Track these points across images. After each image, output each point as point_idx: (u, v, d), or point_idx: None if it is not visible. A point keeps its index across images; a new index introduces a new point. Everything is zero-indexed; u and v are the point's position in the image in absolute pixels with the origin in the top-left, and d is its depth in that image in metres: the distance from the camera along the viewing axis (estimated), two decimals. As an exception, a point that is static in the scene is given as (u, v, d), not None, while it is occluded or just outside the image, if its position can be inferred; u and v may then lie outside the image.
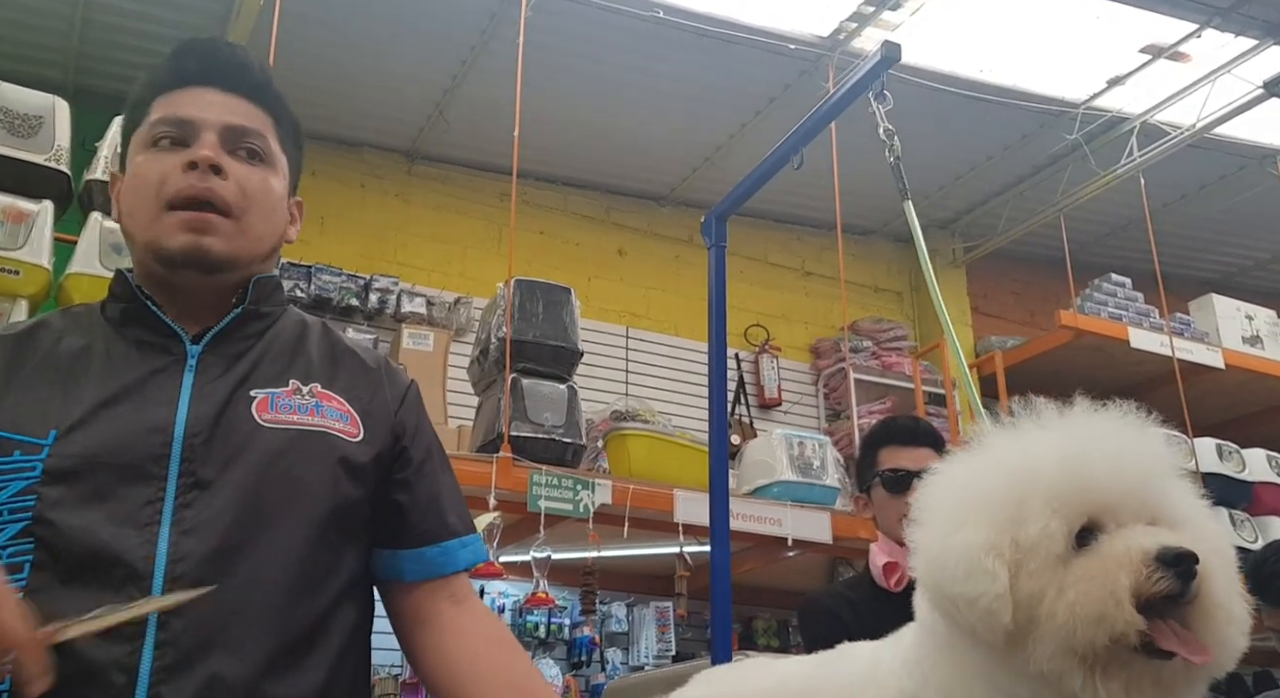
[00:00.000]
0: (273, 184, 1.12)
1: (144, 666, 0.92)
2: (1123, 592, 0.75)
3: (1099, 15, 4.38)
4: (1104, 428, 0.84)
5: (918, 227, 1.50)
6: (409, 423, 1.16)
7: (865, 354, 5.79)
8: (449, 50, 4.61)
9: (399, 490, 1.12)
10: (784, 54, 4.61)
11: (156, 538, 0.96)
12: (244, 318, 1.10)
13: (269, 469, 1.02)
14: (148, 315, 1.07)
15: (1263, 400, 5.58)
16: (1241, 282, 6.77)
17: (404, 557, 1.12)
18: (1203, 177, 5.76)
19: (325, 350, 1.15)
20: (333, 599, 1.05)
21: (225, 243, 1.06)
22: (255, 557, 0.99)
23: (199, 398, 1.04)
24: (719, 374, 2.07)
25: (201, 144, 1.07)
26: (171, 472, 0.99)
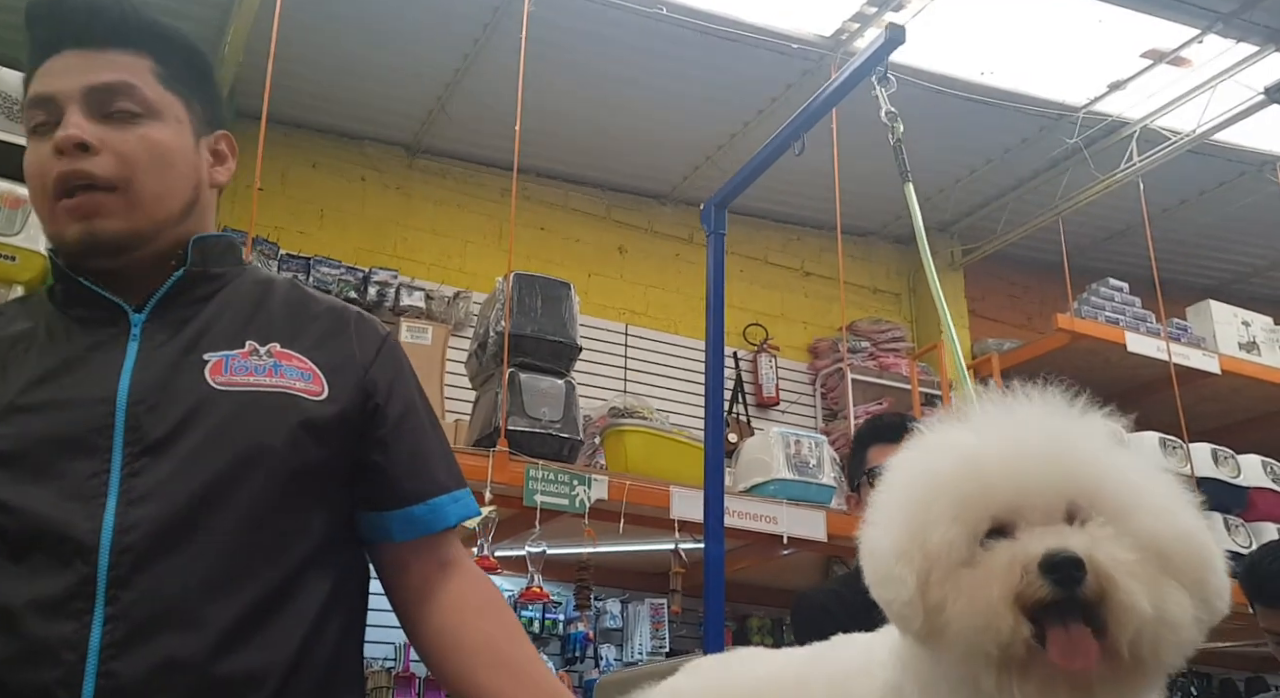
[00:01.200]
0: (159, 137, 1.03)
1: (93, 641, 0.89)
2: (1001, 600, 0.75)
3: (1101, 19, 4.39)
4: (1017, 421, 0.82)
5: (917, 210, 1.51)
6: (382, 379, 1.09)
7: (863, 355, 5.80)
8: (451, 44, 4.61)
9: (376, 450, 1.07)
10: (787, 53, 4.61)
11: (102, 510, 0.93)
12: (190, 281, 1.05)
13: (223, 434, 0.97)
14: (85, 292, 1.02)
15: (1258, 407, 5.60)
16: (1239, 288, 6.78)
17: (391, 518, 1.07)
18: (1202, 183, 5.77)
19: (289, 308, 1.09)
20: (297, 566, 1.00)
21: (118, 220, 1.00)
22: (209, 525, 0.95)
23: (143, 365, 0.99)
24: (716, 365, 2.07)
25: (65, 123, 0.99)
26: (116, 442, 0.95)
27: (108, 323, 1.02)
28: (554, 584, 4.33)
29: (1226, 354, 5.43)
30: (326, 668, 1.01)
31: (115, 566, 0.91)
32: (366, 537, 1.09)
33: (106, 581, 0.90)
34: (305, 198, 5.10)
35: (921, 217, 1.56)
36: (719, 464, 2.02)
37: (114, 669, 0.89)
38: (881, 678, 0.89)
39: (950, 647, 0.78)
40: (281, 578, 0.99)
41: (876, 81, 1.59)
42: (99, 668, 0.89)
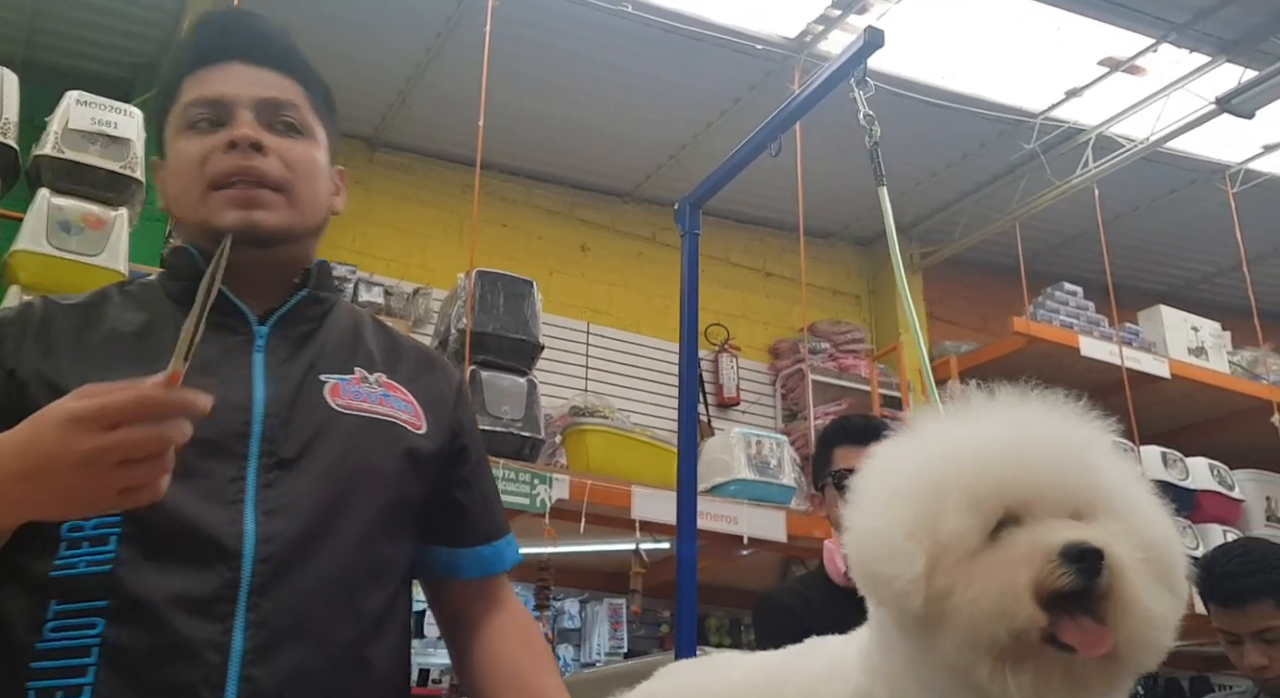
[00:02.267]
0: (314, 154, 1.11)
1: (236, 645, 0.92)
2: (1022, 587, 0.76)
3: (1059, 26, 4.46)
4: (1026, 419, 0.84)
5: (890, 213, 1.51)
6: (466, 420, 1.18)
7: (823, 356, 5.84)
8: (414, 37, 4.55)
9: (459, 488, 1.14)
10: (751, 54, 4.62)
11: (242, 517, 0.95)
12: (304, 302, 1.10)
13: (345, 455, 1.02)
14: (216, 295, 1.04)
15: (1205, 411, 5.73)
16: (1188, 294, 6.94)
17: (462, 555, 1.14)
18: (1154, 190, 5.90)
19: (382, 342, 1.15)
20: (395, 588, 1.06)
21: (277, 216, 1.05)
22: (334, 543, 0.99)
23: (273, 378, 1.03)
24: (689, 364, 2.07)
25: (238, 122, 1.05)
26: (252, 451, 0.98)
27: (231, 330, 1.05)
28: (513, 584, 4.29)
29: (1176, 359, 5.55)
30: (404, 685, 1.08)
31: (257, 573, 0.94)
32: (431, 569, 1.14)
33: (249, 587, 0.93)
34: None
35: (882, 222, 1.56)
36: (691, 462, 2.02)
37: (254, 675, 0.92)
38: (853, 681, 0.89)
39: (950, 633, 0.78)
40: (387, 598, 1.04)
41: (855, 84, 1.59)
42: (241, 672, 0.91)
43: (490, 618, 1.14)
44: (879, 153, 1.55)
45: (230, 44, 1.10)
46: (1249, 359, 5.99)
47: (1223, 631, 1.90)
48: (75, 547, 0.93)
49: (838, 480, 1.96)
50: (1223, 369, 5.77)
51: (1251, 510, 5.36)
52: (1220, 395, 5.66)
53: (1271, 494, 5.47)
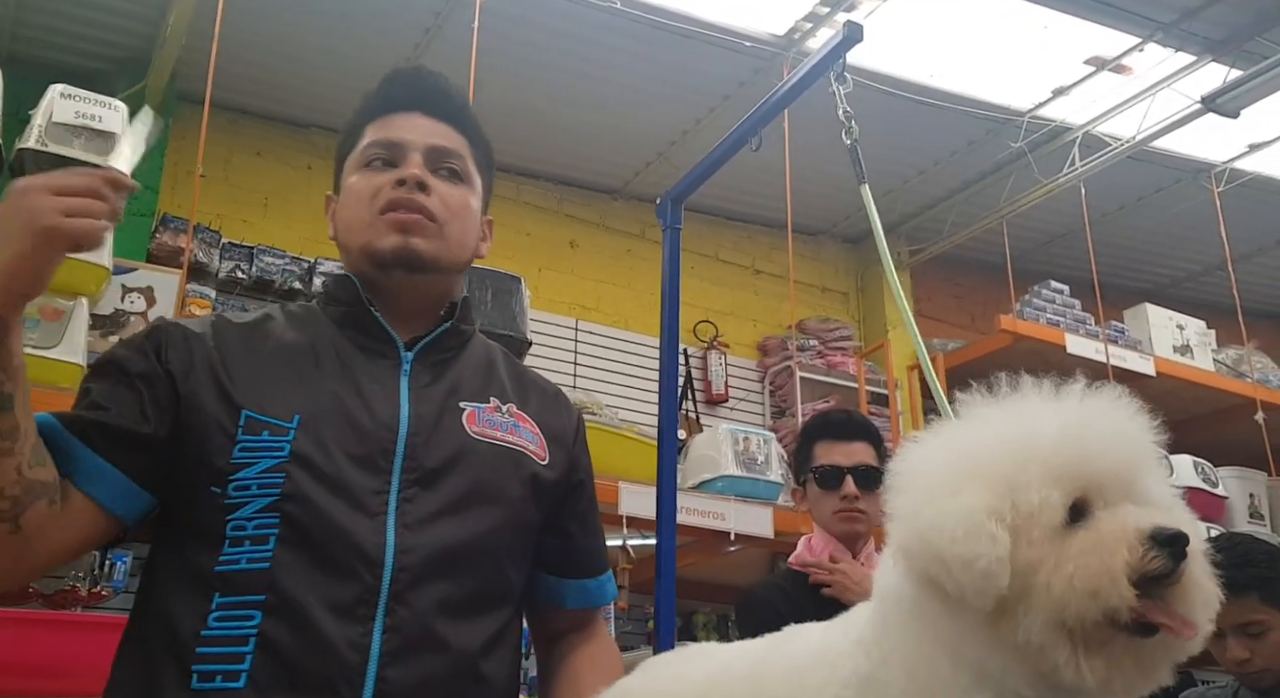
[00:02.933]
0: (470, 201, 1.23)
1: (374, 647, 0.99)
2: (1120, 568, 0.76)
3: (1046, 25, 4.47)
4: (1100, 407, 0.85)
5: (874, 210, 1.52)
6: (583, 457, 1.26)
7: (811, 353, 5.85)
8: (402, 32, 4.54)
9: (573, 521, 1.21)
10: (739, 51, 4.62)
11: (385, 528, 1.03)
12: (448, 333, 1.19)
13: (479, 479, 1.10)
14: (369, 321, 1.16)
15: (1190, 408, 5.77)
16: (1174, 292, 6.98)
17: (569, 585, 1.22)
18: (1140, 189, 5.93)
19: (513, 374, 1.25)
20: (515, 609, 1.13)
21: (430, 244, 1.16)
22: (465, 560, 1.06)
23: (417, 401, 1.11)
24: (670, 359, 2.07)
25: (409, 163, 1.19)
26: (396, 467, 1.06)
27: (381, 354, 1.15)
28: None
29: (1161, 357, 5.59)
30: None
31: (395, 581, 1.01)
32: (537, 594, 1.22)
33: (388, 594, 1.01)
34: (249, 186, 4.98)
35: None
36: (672, 458, 2.02)
37: (388, 676, 0.99)
38: (847, 668, 0.87)
39: (1035, 612, 0.77)
40: (506, 615, 1.12)
41: (834, 79, 1.60)
42: (377, 673, 0.98)
43: (581, 648, 1.22)
44: (859, 150, 1.56)
45: (413, 97, 1.24)
46: (1233, 357, 6.04)
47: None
48: (238, 544, 1.01)
49: (819, 476, 1.97)
50: (1207, 367, 5.81)
51: (1235, 508, 5.40)
52: (1205, 393, 5.70)
53: (1254, 491, 5.51)
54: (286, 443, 1.04)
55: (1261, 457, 5.30)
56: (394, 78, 1.26)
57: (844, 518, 1.94)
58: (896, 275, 1.47)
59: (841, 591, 1.89)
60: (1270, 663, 1.86)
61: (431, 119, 1.23)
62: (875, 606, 0.91)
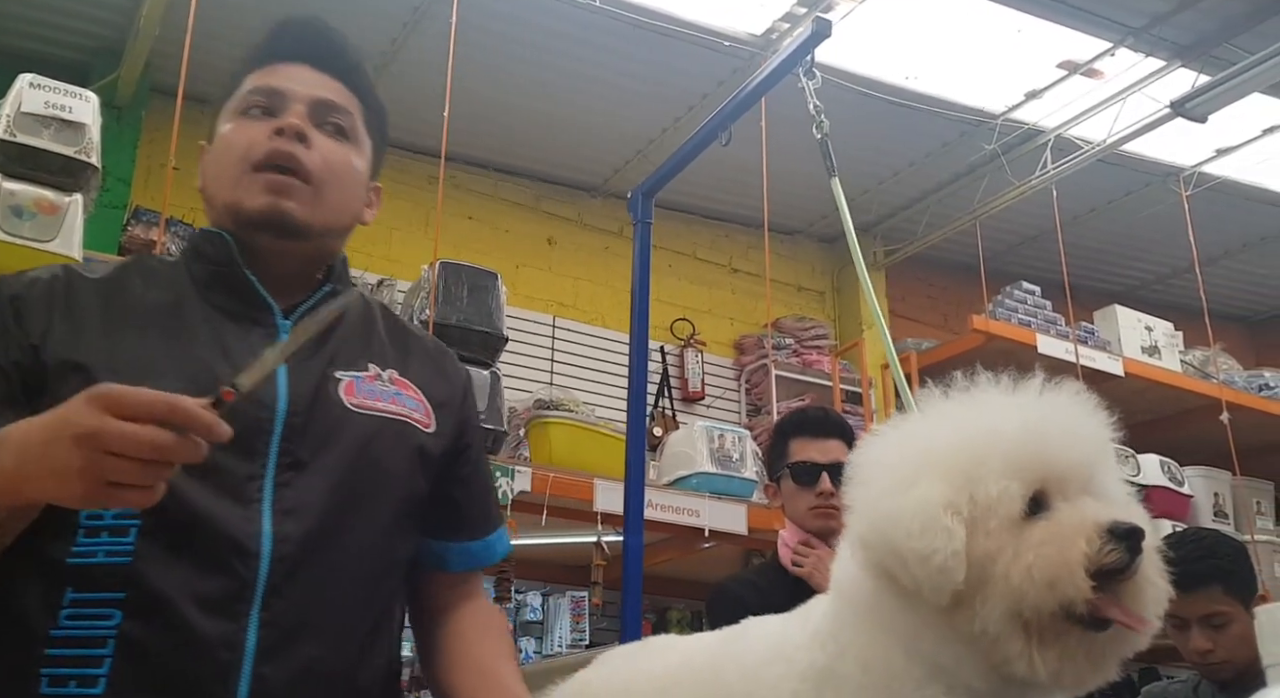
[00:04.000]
0: (355, 162, 1.13)
1: (249, 643, 0.92)
2: (1078, 559, 0.77)
3: (1020, 29, 4.52)
4: (1060, 402, 0.86)
5: (844, 203, 1.54)
6: (471, 418, 1.18)
7: (787, 352, 5.88)
8: (379, 26, 4.51)
9: (457, 487, 1.15)
10: (718, 50, 4.64)
11: (260, 516, 0.96)
12: (326, 297, 1.10)
13: (358, 456, 1.02)
14: (241, 284, 1.06)
15: (1157, 408, 5.85)
16: (1143, 294, 7.08)
17: (452, 549, 1.15)
18: (1111, 192, 6.01)
19: (393, 335, 1.16)
20: (398, 586, 1.08)
21: (303, 208, 1.06)
22: (346, 542, 1.00)
23: (295, 376, 1.02)
24: (640, 354, 2.08)
25: (290, 113, 1.08)
26: (272, 450, 0.98)
27: (255, 322, 1.05)
28: (475, 577, 4.29)
29: (1130, 357, 5.67)
30: (398, 672, 1.11)
31: (273, 573, 0.94)
32: (419, 561, 1.15)
33: (264, 587, 0.94)
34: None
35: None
36: (640, 454, 2.04)
37: (265, 673, 0.93)
38: (804, 661, 0.87)
39: (992, 603, 0.77)
40: (389, 596, 1.06)
41: (802, 74, 1.62)
42: (253, 670, 0.92)
43: (463, 611, 1.16)
44: (829, 144, 1.58)
45: (303, 48, 1.14)
46: (1200, 359, 6.14)
47: (1170, 616, 1.95)
48: (94, 535, 0.93)
49: (795, 472, 1.98)
50: (1175, 368, 5.90)
51: (1200, 506, 5.50)
52: (1172, 394, 5.78)
53: (1219, 491, 5.61)
54: None
55: (1226, 456, 5.38)
56: (283, 26, 1.17)
57: (819, 514, 1.96)
58: (871, 276, 1.48)
59: (810, 575, 1.90)
60: (1231, 655, 1.90)
61: (321, 73, 1.14)
62: (832, 598, 0.91)
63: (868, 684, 0.82)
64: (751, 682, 0.89)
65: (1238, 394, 5.85)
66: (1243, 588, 1.91)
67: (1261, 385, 6.18)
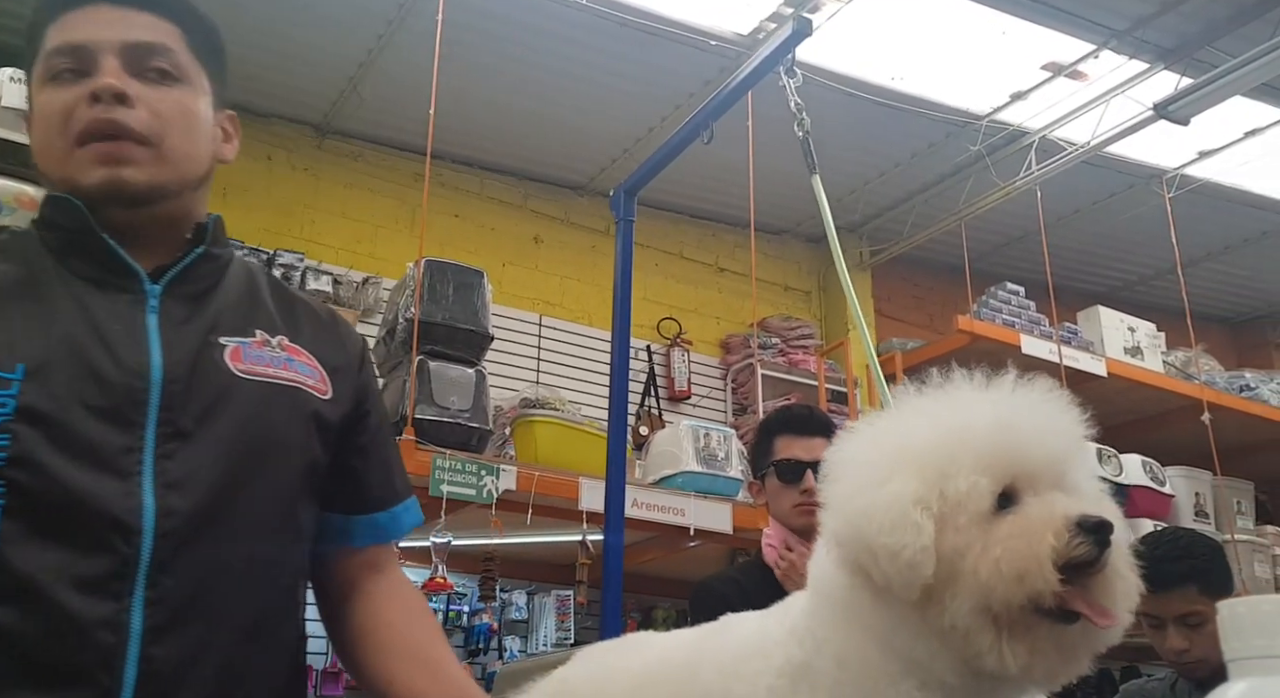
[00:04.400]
0: (190, 103, 1.03)
1: (134, 625, 0.87)
2: (1045, 552, 0.77)
3: (1005, 30, 4.55)
4: (1032, 399, 0.86)
5: (825, 200, 1.54)
6: (369, 385, 1.13)
7: (773, 351, 5.90)
8: (366, 23, 4.50)
9: (357, 456, 1.10)
10: (705, 50, 4.65)
11: (140, 490, 0.90)
12: (199, 259, 1.03)
13: (249, 424, 0.97)
14: (101, 250, 0.98)
15: (1140, 408, 5.90)
16: (1126, 295, 7.13)
17: (356, 522, 1.10)
18: (1095, 193, 6.05)
19: (281, 302, 1.09)
20: (301, 562, 1.03)
21: (145, 172, 0.98)
22: (240, 513, 0.95)
23: (171, 343, 0.96)
24: (621, 351, 2.08)
25: (102, 71, 0.98)
26: (150, 420, 0.92)
27: (121, 289, 0.98)
28: (458, 575, 4.28)
29: (1113, 358, 5.71)
30: (303, 653, 1.06)
31: (158, 549, 0.89)
32: (322, 536, 1.09)
33: (149, 564, 0.89)
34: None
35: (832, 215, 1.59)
36: (621, 452, 2.04)
37: (153, 654, 0.88)
38: (780, 657, 0.88)
39: (962, 597, 0.77)
40: (292, 572, 1.01)
41: (784, 72, 1.62)
42: (140, 652, 0.87)
43: (377, 588, 1.11)
44: (810, 142, 1.58)
45: None
46: (1182, 360, 6.19)
47: (1146, 615, 1.97)
48: None
49: (780, 470, 1.99)
50: (1157, 369, 5.94)
51: (1181, 506, 5.54)
52: (1154, 394, 5.83)
53: (1200, 490, 5.66)
54: (10, 398, 0.88)
55: (1207, 456, 5.43)
56: None
57: (803, 512, 1.96)
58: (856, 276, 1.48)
59: (785, 577, 1.91)
60: (1207, 654, 1.92)
61: (123, 8, 1.00)
62: (809, 595, 0.91)
63: (844, 679, 0.83)
64: (729, 678, 0.89)
65: (1219, 395, 5.90)
66: (1218, 588, 1.92)
67: (1242, 386, 6.24)
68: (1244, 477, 5.93)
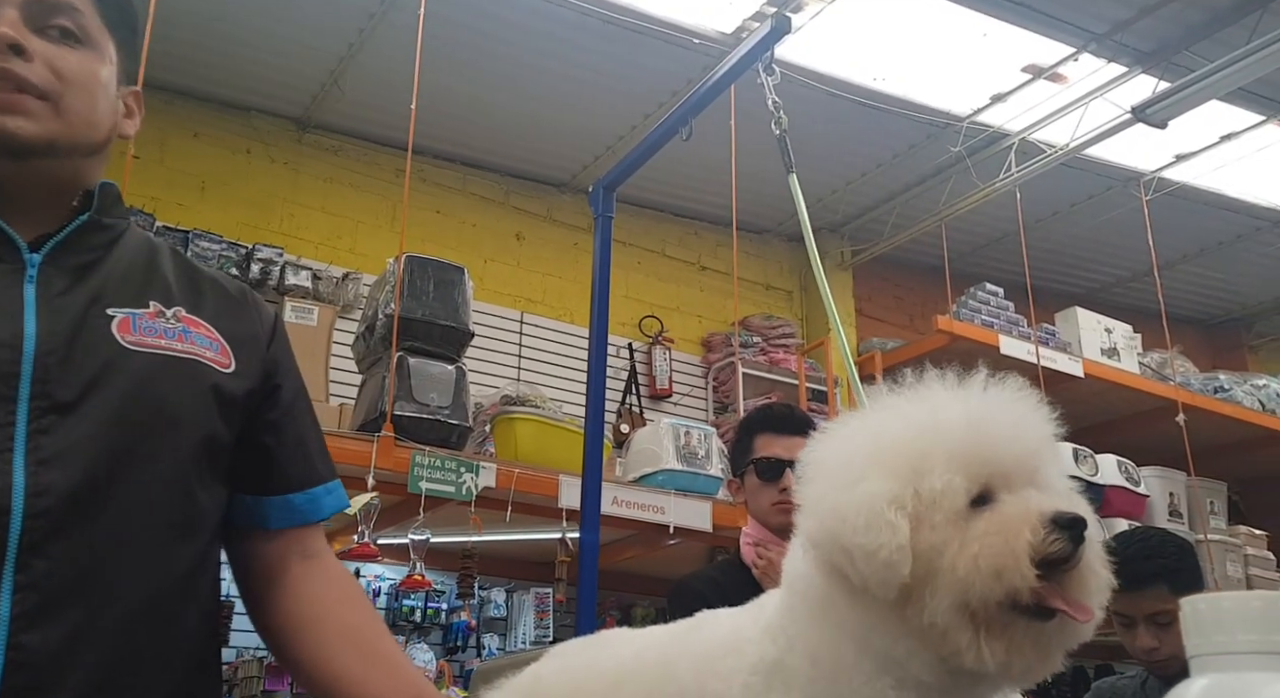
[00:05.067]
0: (93, 67, 0.98)
1: (2, 611, 0.83)
2: (1023, 548, 0.77)
3: (986, 33, 4.58)
4: (1004, 397, 0.86)
5: (801, 200, 1.55)
6: (281, 359, 1.08)
7: (754, 350, 5.91)
8: (347, 16, 4.47)
9: (267, 432, 1.05)
10: (688, 48, 4.65)
11: (11, 467, 0.85)
12: (86, 228, 0.97)
13: (137, 397, 0.92)
14: None
15: (1116, 409, 5.96)
16: (1103, 297, 7.20)
17: (269, 503, 1.05)
18: (1073, 195, 6.10)
19: (182, 274, 1.05)
20: (206, 543, 0.98)
21: (38, 124, 0.93)
22: (127, 492, 0.90)
23: (48, 313, 0.91)
24: (599, 349, 2.08)
25: (0, 20, 0.92)
26: (22, 393, 0.87)
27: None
28: (437, 573, 4.27)
29: (1090, 359, 5.76)
30: (214, 648, 1.01)
31: (28, 531, 0.84)
32: (234, 520, 1.05)
33: (18, 546, 0.84)
34: (185, 169, 4.87)
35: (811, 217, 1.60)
36: (598, 450, 2.03)
37: (24, 642, 0.83)
38: (754, 654, 0.87)
39: (940, 595, 0.78)
40: (197, 551, 0.96)
41: (762, 70, 1.62)
42: (8, 640, 0.83)
43: (308, 575, 1.06)
44: (787, 140, 1.59)
45: None
46: (1158, 361, 6.26)
47: (1118, 614, 1.99)
48: None
49: (760, 468, 1.99)
50: (1133, 370, 6.01)
51: (1155, 506, 5.60)
52: (1130, 395, 5.89)
53: (1174, 491, 5.72)
54: None
55: (1181, 457, 5.50)
56: None
57: (782, 510, 1.97)
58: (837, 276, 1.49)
59: (763, 577, 1.92)
60: (1177, 651, 1.93)
61: None
62: (784, 593, 0.91)
63: (817, 677, 0.83)
64: (703, 674, 0.89)
65: (1193, 396, 5.97)
66: (1188, 587, 1.94)
67: (1216, 388, 6.32)
68: (1217, 477, 6.00)
